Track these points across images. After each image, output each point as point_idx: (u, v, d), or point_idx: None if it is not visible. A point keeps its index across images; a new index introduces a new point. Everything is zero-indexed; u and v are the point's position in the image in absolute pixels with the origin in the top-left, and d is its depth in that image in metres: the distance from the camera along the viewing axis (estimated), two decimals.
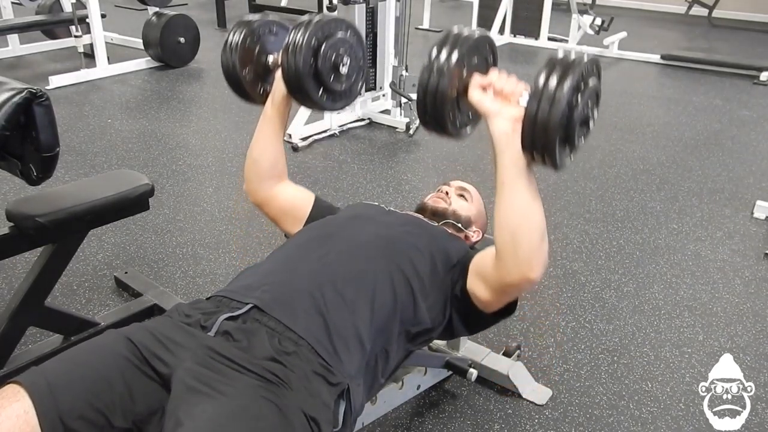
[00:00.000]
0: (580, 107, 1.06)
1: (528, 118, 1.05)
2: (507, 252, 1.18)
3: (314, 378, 1.10)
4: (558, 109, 1.02)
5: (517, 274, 1.19)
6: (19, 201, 1.65)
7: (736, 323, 2.19)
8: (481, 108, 1.18)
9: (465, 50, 1.14)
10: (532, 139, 1.06)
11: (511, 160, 1.14)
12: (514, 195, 1.16)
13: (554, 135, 1.03)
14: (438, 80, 1.13)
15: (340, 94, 1.51)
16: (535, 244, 1.17)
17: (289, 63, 1.40)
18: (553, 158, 1.07)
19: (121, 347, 1.10)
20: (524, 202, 1.16)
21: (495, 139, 1.16)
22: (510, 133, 1.13)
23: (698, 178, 3.37)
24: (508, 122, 1.14)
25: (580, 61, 1.07)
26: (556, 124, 1.03)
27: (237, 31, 1.53)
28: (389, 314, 1.26)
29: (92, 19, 4.61)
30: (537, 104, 1.04)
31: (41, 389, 1.01)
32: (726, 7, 7.48)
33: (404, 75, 3.88)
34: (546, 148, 1.05)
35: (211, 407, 0.99)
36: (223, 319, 1.16)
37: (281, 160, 1.59)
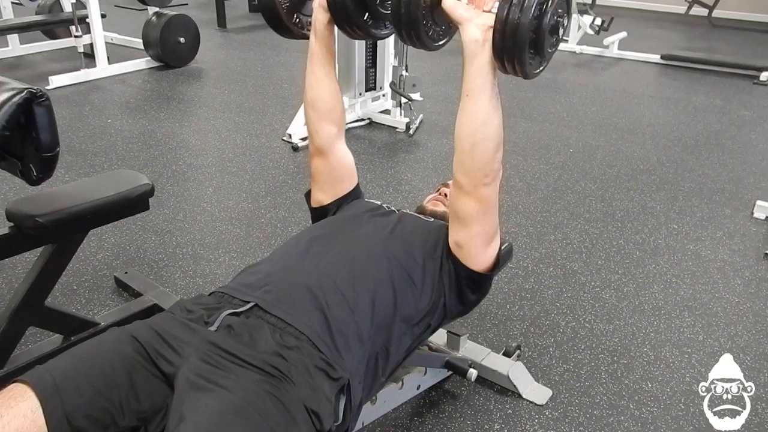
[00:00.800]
0: (549, 14, 1.08)
1: (498, 20, 1.08)
2: (465, 157, 1.24)
3: (316, 372, 1.10)
4: (527, 13, 1.05)
5: (472, 179, 1.25)
6: (19, 201, 1.65)
7: (736, 323, 2.19)
8: (454, 15, 1.19)
9: None
10: (502, 44, 1.08)
11: (479, 69, 1.17)
12: (477, 104, 1.19)
13: (524, 39, 1.06)
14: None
15: (383, 21, 1.45)
16: (491, 151, 1.23)
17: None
18: (523, 64, 1.09)
19: (126, 346, 1.11)
20: (485, 112, 1.19)
21: (465, 46, 1.19)
22: (480, 40, 1.16)
23: (698, 178, 3.37)
24: (480, 30, 1.16)
25: None
26: (526, 28, 1.05)
27: None
28: (390, 312, 1.27)
29: (92, 19, 4.60)
30: (507, 8, 1.06)
31: (48, 388, 1.02)
32: (726, 7, 7.47)
33: (404, 75, 3.88)
34: (515, 51, 1.08)
35: (214, 402, 1.00)
36: (225, 315, 1.17)
37: (339, 101, 1.55)
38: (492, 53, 1.13)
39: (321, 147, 1.56)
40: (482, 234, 1.34)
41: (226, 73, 5.09)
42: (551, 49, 1.14)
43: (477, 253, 1.35)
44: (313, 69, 1.52)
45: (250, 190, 3.07)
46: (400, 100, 4.00)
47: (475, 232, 1.33)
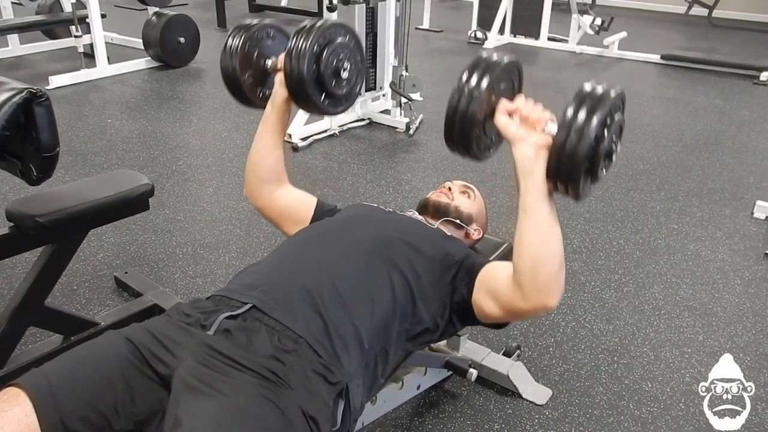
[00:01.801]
0: (605, 141, 1.08)
1: (555, 147, 1.08)
2: (526, 278, 1.19)
3: (314, 377, 1.10)
4: (586, 141, 1.05)
5: (535, 300, 1.20)
6: (19, 201, 1.65)
7: (736, 323, 2.19)
8: (507, 133, 1.19)
9: (495, 76, 1.17)
10: (558, 168, 1.08)
11: (534, 186, 1.15)
12: (535, 221, 1.17)
13: (580, 166, 1.06)
14: (468, 104, 1.14)
15: (341, 98, 1.53)
16: (554, 272, 1.20)
17: (292, 69, 1.41)
18: (576, 188, 1.10)
19: (121, 348, 1.10)
20: (545, 229, 1.17)
21: (518, 164, 1.17)
22: (533, 159, 1.15)
23: (698, 178, 3.37)
24: (532, 148, 1.15)
25: (608, 95, 1.09)
26: (583, 155, 1.05)
27: (236, 36, 1.54)
28: (388, 314, 1.26)
29: (92, 19, 4.60)
30: (566, 135, 1.06)
31: (42, 392, 1.01)
32: (726, 7, 7.48)
33: (404, 75, 3.88)
34: (570, 178, 1.08)
35: (211, 406, 0.99)
36: (223, 318, 1.16)
37: (281, 164, 1.59)
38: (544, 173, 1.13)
39: (262, 206, 1.61)
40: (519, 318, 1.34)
41: None
42: (604, 171, 1.15)
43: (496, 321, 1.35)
44: (264, 135, 1.56)
45: None
46: (400, 100, 4.00)
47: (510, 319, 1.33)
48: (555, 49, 6.14)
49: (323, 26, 1.44)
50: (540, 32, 6.20)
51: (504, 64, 1.19)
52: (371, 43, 3.88)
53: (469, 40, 6.33)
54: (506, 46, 6.25)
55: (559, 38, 6.23)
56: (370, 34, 3.85)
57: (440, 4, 8.15)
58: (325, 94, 1.48)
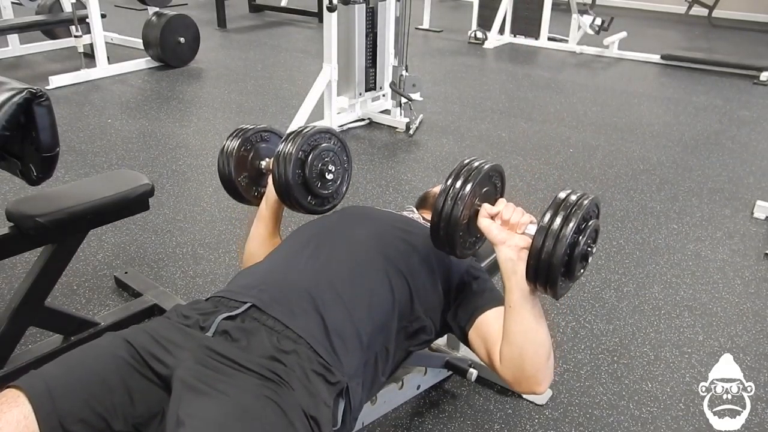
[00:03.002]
0: (581, 245, 1.16)
1: (533, 254, 1.14)
2: (515, 365, 1.24)
3: (314, 377, 1.10)
4: (561, 247, 1.11)
5: (523, 386, 1.26)
6: (19, 201, 1.65)
7: (736, 323, 2.19)
8: (489, 235, 1.25)
9: (477, 181, 1.23)
10: (536, 272, 1.15)
11: (517, 285, 1.21)
12: (520, 317, 1.21)
13: (556, 271, 1.13)
14: (452, 207, 1.22)
15: (327, 198, 1.60)
16: (541, 363, 1.23)
17: (279, 174, 1.50)
18: (555, 290, 1.15)
19: (120, 350, 1.10)
20: (530, 323, 1.21)
21: (501, 265, 1.24)
22: (515, 260, 1.21)
23: (698, 178, 3.37)
24: (514, 251, 1.21)
25: (582, 203, 1.16)
26: (559, 261, 1.12)
27: (232, 139, 1.64)
28: (387, 312, 1.27)
29: (92, 19, 4.61)
30: (542, 241, 1.13)
31: (41, 394, 1.01)
32: (726, 7, 7.48)
33: (404, 75, 3.88)
34: (548, 280, 1.14)
35: (213, 406, 0.99)
36: (221, 319, 1.16)
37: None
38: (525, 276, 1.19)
39: None
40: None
41: (226, 73, 5.09)
42: (580, 272, 1.21)
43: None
44: (259, 229, 1.61)
45: None
46: (400, 100, 4.00)
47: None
48: (555, 49, 6.14)
49: (309, 133, 1.52)
50: (540, 32, 6.21)
51: (486, 170, 1.26)
52: (371, 43, 3.88)
53: (469, 40, 6.33)
54: (506, 46, 6.26)
55: (559, 38, 6.23)
56: (370, 34, 3.85)
57: (440, 4, 8.16)
58: (311, 196, 1.56)
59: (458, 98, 4.53)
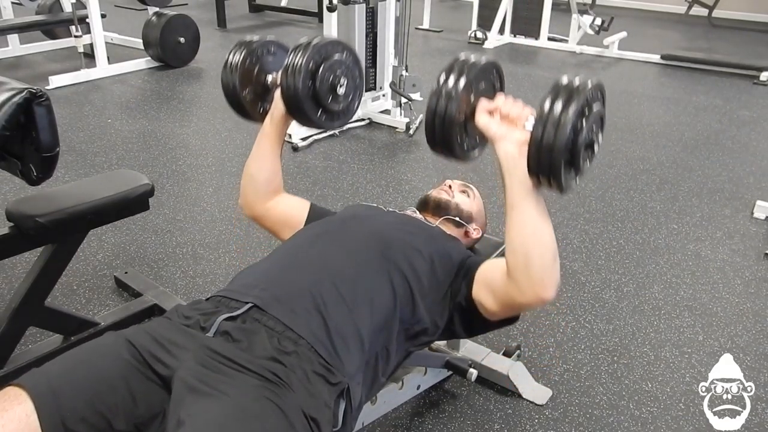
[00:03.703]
0: (584, 132, 1.08)
1: (533, 141, 1.07)
2: (519, 273, 1.19)
3: (315, 378, 1.10)
4: (563, 133, 1.04)
5: (530, 294, 1.20)
6: (19, 201, 1.65)
7: (736, 323, 2.19)
8: (488, 132, 1.19)
9: (473, 76, 1.16)
10: (538, 162, 1.08)
11: (518, 182, 1.15)
12: (523, 216, 1.17)
13: (559, 158, 1.05)
14: (446, 105, 1.15)
15: (337, 114, 1.55)
16: (547, 264, 1.18)
17: (288, 85, 1.43)
18: (559, 181, 1.08)
19: (122, 349, 1.10)
20: (534, 223, 1.17)
21: (501, 162, 1.17)
22: (516, 156, 1.15)
23: (698, 178, 3.38)
24: (515, 145, 1.15)
25: (585, 86, 1.08)
26: (561, 147, 1.05)
27: (236, 52, 1.56)
28: (389, 313, 1.26)
29: (92, 19, 4.61)
30: (542, 128, 1.05)
31: (43, 392, 1.01)
32: (726, 7, 7.48)
33: (404, 75, 3.88)
34: (551, 171, 1.07)
35: (213, 407, 0.99)
36: (222, 320, 1.16)
37: (279, 177, 1.61)
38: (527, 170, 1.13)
39: (258, 216, 1.63)
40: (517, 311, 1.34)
41: None
42: (587, 162, 1.14)
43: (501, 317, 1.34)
44: (262, 146, 1.57)
45: None
46: (400, 100, 4.00)
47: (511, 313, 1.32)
48: (555, 49, 6.14)
49: (319, 43, 1.45)
50: (540, 32, 6.20)
51: (481, 65, 1.19)
52: (371, 43, 3.87)
53: (469, 40, 6.33)
54: (506, 46, 6.26)
55: (559, 38, 6.23)
56: (370, 34, 3.85)
57: (440, 4, 8.15)
58: (321, 110, 1.50)
59: None
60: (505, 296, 1.25)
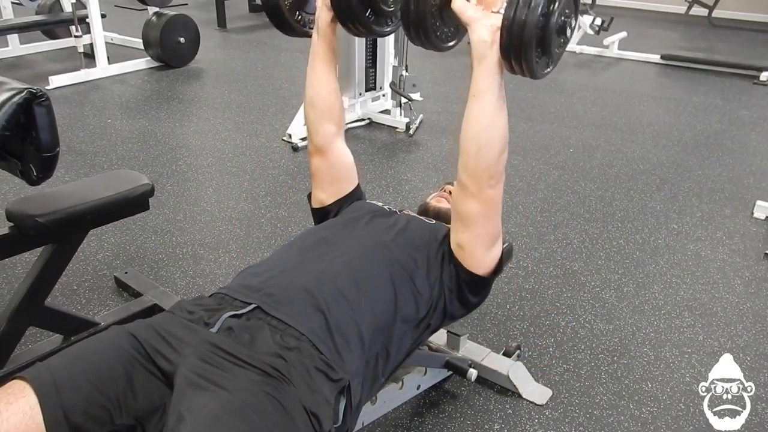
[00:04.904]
0: (556, 14, 1.09)
1: (505, 21, 1.08)
2: (471, 160, 1.24)
3: (316, 374, 1.10)
4: (535, 12, 1.05)
5: (477, 182, 1.25)
6: (19, 201, 1.65)
7: (736, 323, 2.19)
8: (463, 16, 1.20)
9: None
10: (509, 43, 1.08)
11: (487, 69, 1.17)
12: (485, 104, 1.19)
13: (530, 40, 1.06)
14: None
15: (388, 15, 1.47)
16: (497, 152, 1.23)
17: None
18: (530, 64, 1.10)
19: (125, 343, 1.11)
20: (493, 112, 1.19)
21: (473, 47, 1.18)
22: (488, 41, 1.16)
23: (698, 178, 3.37)
24: (488, 30, 1.16)
25: None
26: (532, 28, 1.05)
27: None
28: (389, 313, 1.27)
29: (92, 19, 4.60)
30: (514, 8, 1.07)
31: (46, 385, 1.02)
32: (726, 7, 7.47)
33: (404, 75, 3.87)
34: (523, 52, 1.08)
35: (213, 402, 1.00)
36: (226, 317, 1.17)
37: (339, 100, 1.57)
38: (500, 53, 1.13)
39: (319, 145, 1.57)
40: (485, 236, 1.35)
41: (226, 73, 5.09)
42: (558, 49, 1.15)
43: (479, 255, 1.36)
44: (315, 67, 1.53)
45: (250, 190, 3.07)
46: (400, 100, 4.00)
47: (478, 234, 1.34)
48: None
49: None
50: None
51: None
52: (371, 43, 3.87)
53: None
54: None
55: None
56: None
57: None
58: (371, 10, 1.42)
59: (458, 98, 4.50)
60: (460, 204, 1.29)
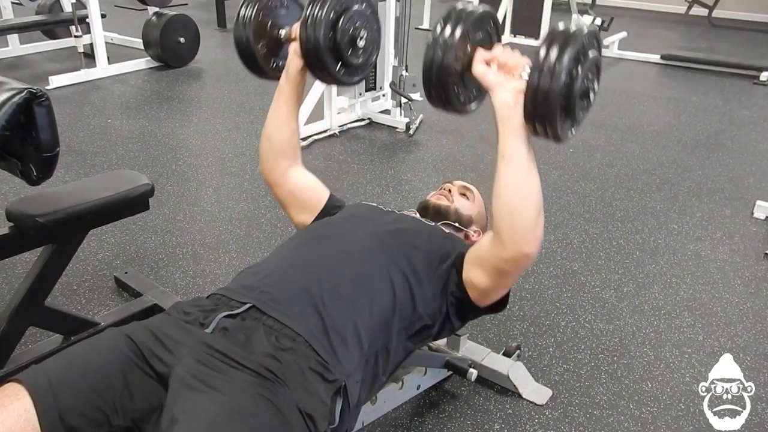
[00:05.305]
0: (580, 79, 1.08)
1: (530, 87, 1.08)
2: (504, 225, 1.19)
3: (311, 375, 1.10)
4: (559, 80, 1.05)
5: (514, 248, 1.20)
6: (19, 201, 1.65)
7: (736, 323, 2.19)
8: (485, 81, 1.19)
9: (469, 25, 1.16)
10: (534, 108, 1.08)
11: (512, 132, 1.15)
12: (513, 166, 1.17)
13: (555, 105, 1.06)
14: (443, 54, 1.14)
15: (357, 68, 1.50)
16: (532, 218, 1.18)
17: (308, 37, 1.39)
18: (554, 129, 1.09)
19: (121, 345, 1.11)
20: (522, 175, 1.17)
21: (497, 111, 1.17)
22: (512, 104, 1.15)
23: (698, 178, 3.37)
24: (511, 94, 1.16)
25: (580, 33, 1.09)
26: (557, 94, 1.05)
27: (248, 5, 1.51)
28: (388, 312, 1.27)
29: (92, 19, 4.60)
30: (538, 75, 1.07)
31: (42, 387, 1.02)
32: (726, 7, 7.48)
33: (404, 75, 3.88)
34: (547, 118, 1.08)
35: (207, 404, 1.00)
36: (221, 317, 1.17)
37: (296, 138, 1.59)
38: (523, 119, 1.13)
39: (275, 180, 1.60)
40: (506, 286, 1.35)
41: (226, 73, 5.08)
42: (582, 112, 1.14)
43: (491, 298, 1.36)
44: (278, 107, 1.56)
45: (250, 190, 3.07)
46: (400, 100, 4.00)
47: (500, 285, 1.33)
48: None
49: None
50: (540, 32, 6.19)
51: (477, 14, 1.18)
52: None
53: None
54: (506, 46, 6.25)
55: None
56: None
57: (440, 4, 8.13)
58: (341, 64, 1.45)
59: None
60: (491, 259, 1.25)
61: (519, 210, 1.17)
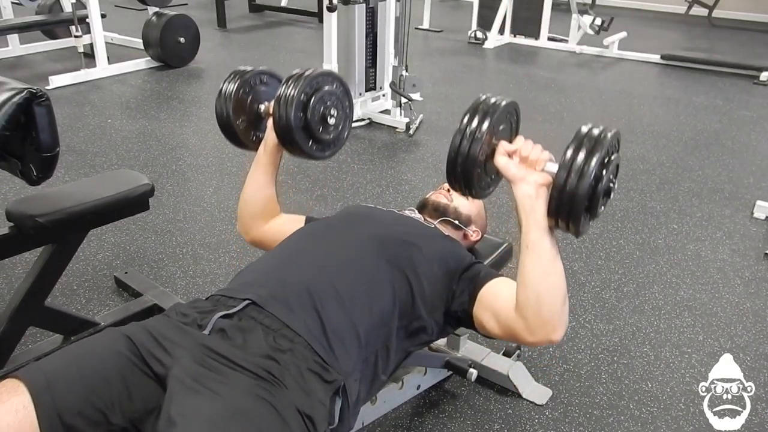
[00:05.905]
0: (604, 180, 1.13)
1: (556, 186, 1.12)
2: (531, 312, 1.21)
3: (309, 376, 1.10)
4: (585, 182, 1.09)
5: (539, 334, 1.21)
6: (19, 201, 1.65)
7: (736, 323, 2.19)
8: (507, 173, 1.22)
9: (495, 118, 1.20)
10: (559, 206, 1.13)
11: (536, 224, 1.18)
12: (537, 256, 1.19)
13: (580, 205, 1.11)
14: (469, 145, 1.18)
15: (328, 143, 1.58)
16: (558, 304, 1.21)
17: (280, 116, 1.47)
18: (577, 226, 1.14)
19: (120, 345, 1.11)
20: (547, 264, 1.20)
21: (519, 203, 1.20)
22: (534, 196, 1.18)
23: (698, 178, 3.37)
24: (532, 187, 1.18)
25: (606, 136, 1.13)
26: (583, 195, 1.10)
27: (230, 81, 1.61)
28: (388, 310, 1.27)
29: (92, 19, 4.61)
30: (566, 175, 1.11)
31: (40, 385, 1.02)
32: (726, 7, 7.48)
33: (404, 75, 3.88)
34: (571, 216, 1.12)
35: (205, 406, 1.00)
36: (218, 318, 1.17)
37: (273, 202, 1.63)
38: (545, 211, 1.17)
39: (255, 238, 1.67)
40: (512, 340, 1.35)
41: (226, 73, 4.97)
42: (602, 208, 1.19)
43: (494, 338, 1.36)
44: (256, 175, 1.61)
45: None
46: (400, 100, 4.00)
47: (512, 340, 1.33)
48: (555, 49, 6.13)
49: (311, 75, 1.49)
50: (540, 32, 6.20)
51: (503, 106, 1.22)
52: (371, 43, 3.87)
53: (469, 40, 6.32)
54: (506, 47, 6.25)
55: (559, 38, 6.23)
56: (370, 34, 3.85)
57: (440, 4, 8.15)
58: (312, 140, 1.53)
59: (458, 98, 4.52)
60: (511, 329, 1.26)
61: (545, 296, 1.20)
